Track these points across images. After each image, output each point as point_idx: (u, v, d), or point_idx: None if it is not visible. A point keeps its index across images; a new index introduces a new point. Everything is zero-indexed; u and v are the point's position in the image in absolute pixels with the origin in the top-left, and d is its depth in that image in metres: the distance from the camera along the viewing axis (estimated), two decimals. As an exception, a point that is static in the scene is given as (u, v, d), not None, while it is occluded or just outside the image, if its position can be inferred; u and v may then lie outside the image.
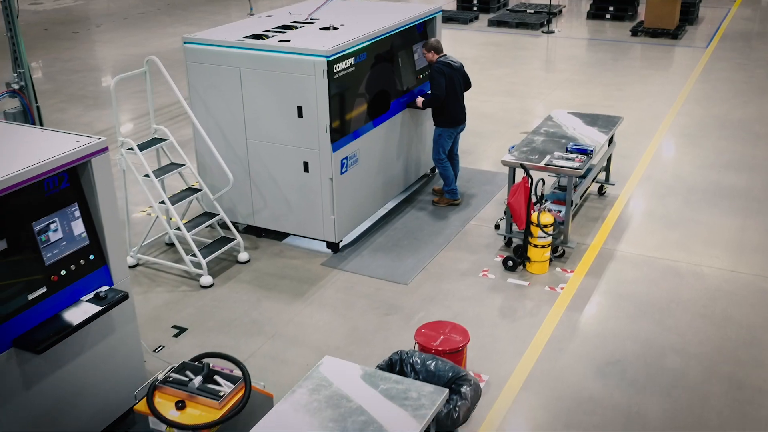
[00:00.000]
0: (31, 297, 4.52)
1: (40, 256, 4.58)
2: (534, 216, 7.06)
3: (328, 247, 7.75)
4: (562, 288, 7.04)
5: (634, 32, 16.88)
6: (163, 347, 6.24)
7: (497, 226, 8.08)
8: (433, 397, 4.23)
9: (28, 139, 4.83)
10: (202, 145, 7.71)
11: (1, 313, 4.36)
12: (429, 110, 8.66)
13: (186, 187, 7.67)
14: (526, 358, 6.06)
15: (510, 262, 7.30)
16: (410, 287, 7.10)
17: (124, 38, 17.51)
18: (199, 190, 7.49)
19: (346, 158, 7.46)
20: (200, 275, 7.15)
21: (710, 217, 8.33)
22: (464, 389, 4.49)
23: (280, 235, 8.02)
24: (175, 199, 7.29)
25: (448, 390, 4.33)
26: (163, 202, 7.14)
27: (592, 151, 7.53)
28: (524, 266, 7.32)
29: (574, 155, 7.45)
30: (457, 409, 4.42)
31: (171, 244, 7.84)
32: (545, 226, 7.04)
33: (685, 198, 8.79)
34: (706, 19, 18.37)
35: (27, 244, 4.52)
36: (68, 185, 4.75)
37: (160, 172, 7.32)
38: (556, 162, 7.33)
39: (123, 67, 14.80)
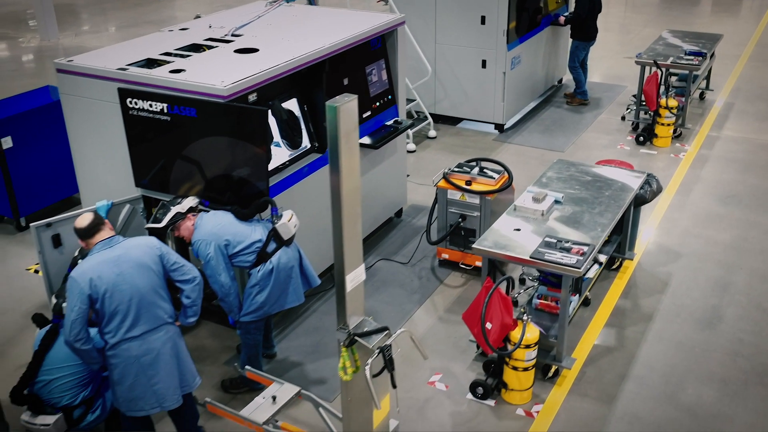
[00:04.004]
0: (364, 116, 6.87)
1: (368, 90, 6.93)
2: (663, 101, 9.28)
3: (495, 128, 10.07)
4: (683, 155, 9.27)
5: (707, -17, 18.80)
6: (397, 184, 8.58)
7: (623, 118, 10.34)
8: (636, 179, 6.53)
9: (352, 17, 7.14)
10: (398, 49, 10.01)
11: (351, 123, 6.72)
12: (565, 29, 10.88)
13: (390, 79, 9.99)
14: (665, 194, 8.30)
15: (641, 137, 9.55)
16: (567, 153, 9.38)
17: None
18: (400, 81, 9.79)
19: (514, 58, 9.73)
20: (407, 142, 9.50)
21: (792, 114, 10.50)
22: (651, 181, 6.75)
23: (454, 121, 10.34)
24: (387, 86, 9.61)
25: (647, 174, 6.63)
26: (381, 87, 9.45)
27: (705, 53, 9.72)
28: (651, 141, 9.55)
29: (692, 57, 9.63)
30: (647, 192, 6.69)
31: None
32: (671, 108, 9.26)
33: (771, 102, 10.95)
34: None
35: (361, 81, 6.86)
36: (380, 46, 7.08)
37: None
38: (679, 61, 9.53)
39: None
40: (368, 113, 6.95)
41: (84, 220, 4.41)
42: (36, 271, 7.13)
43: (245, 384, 5.51)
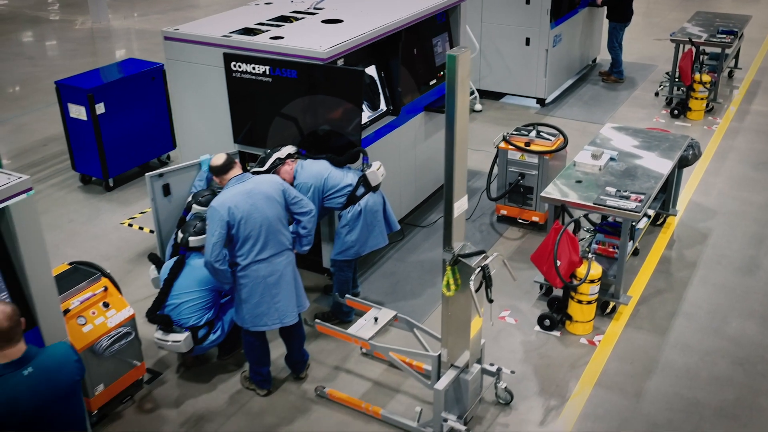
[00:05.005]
0: (430, 83, 7.53)
1: (434, 60, 7.58)
2: (697, 76, 9.90)
3: (537, 103, 10.72)
4: (715, 128, 9.90)
5: (729, -29, 19.33)
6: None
7: (657, 94, 10.97)
8: (681, 141, 7.17)
9: (418, -8, 7.79)
10: (445, 28, 10.65)
11: (420, 89, 7.37)
12: (601, 10, 11.51)
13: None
14: (701, 161, 8.92)
15: (675, 111, 10.18)
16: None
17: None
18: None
19: (556, 36, 10.36)
20: (455, 115, 10.13)
21: (817, 91, 11.10)
22: (694, 145, 7.38)
23: (497, 96, 10.98)
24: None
25: (690, 137, 7.27)
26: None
27: (737, 32, 10.33)
28: (685, 115, 10.18)
29: (724, 35, 10.24)
30: (690, 155, 7.32)
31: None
32: (705, 83, 9.88)
33: (796, 80, 11.55)
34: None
35: (429, 51, 7.51)
36: (444, 20, 7.73)
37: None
38: (712, 39, 10.14)
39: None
40: (434, 81, 7.60)
41: (219, 159, 5.10)
42: (129, 225, 7.83)
43: (336, 317, 6.19)
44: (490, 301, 4.76)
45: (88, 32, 15.28)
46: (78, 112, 8.16)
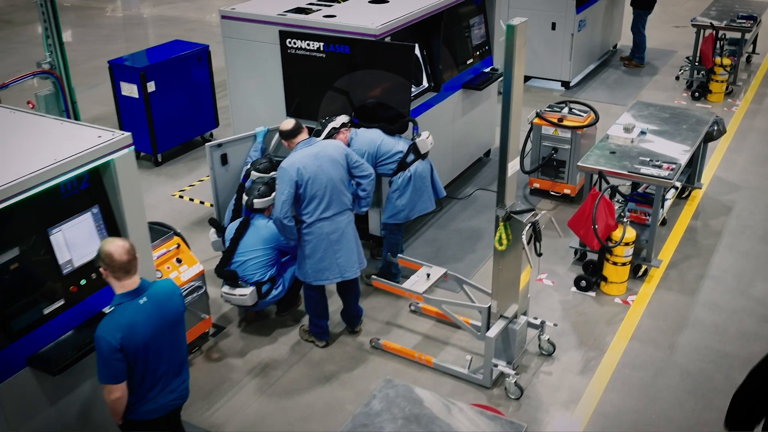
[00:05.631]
0: (468, 62, 7.92)
1: (471, 40, 7.97)
2: (717, 59, 10.27)
3: (561, 86, 11.10)
4: (735, 109, 10.27)
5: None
6: (480, 131, 9.63)
7: (677, 78, 11.34)
8: (707, 117, 7.56)
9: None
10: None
11: (458, 68, 7.76)
12: (623, -3, 11.90)
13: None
14: (722, 142, 9.30)
15: (696, 93, 10.55)
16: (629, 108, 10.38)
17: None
18: (477, 42, 10.81)
19: (581, 21, 10.73)
20: (484, 97, 10.53)
21: (833, 76, 11.44)
22: (719, 121, 7.76)
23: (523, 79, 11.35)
24: (466, 45, 10.61)
25: (715, 115, 7.64)
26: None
27: (757, 16, 10.69)
28: (706, 97, 10.55)
29: (744, 20, 10.60)
30: (715, 131, 7.70)
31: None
32: (726, 66, 10.25)
33: (812, 65, 11.90)
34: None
35: (466, 32, 7.90)
36: (481, 2, 8.12)
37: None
38: (733, 24, 10.51)
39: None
40: (470, 60, 7.99)
41: (288, 124, 5.51)
42: (180, 197, 8.26)
43: (385, 278, 6.60)
44: (539, 254, 5.17)
45: (119, 19, 15.72)
46: (130, 90, 8.57)
